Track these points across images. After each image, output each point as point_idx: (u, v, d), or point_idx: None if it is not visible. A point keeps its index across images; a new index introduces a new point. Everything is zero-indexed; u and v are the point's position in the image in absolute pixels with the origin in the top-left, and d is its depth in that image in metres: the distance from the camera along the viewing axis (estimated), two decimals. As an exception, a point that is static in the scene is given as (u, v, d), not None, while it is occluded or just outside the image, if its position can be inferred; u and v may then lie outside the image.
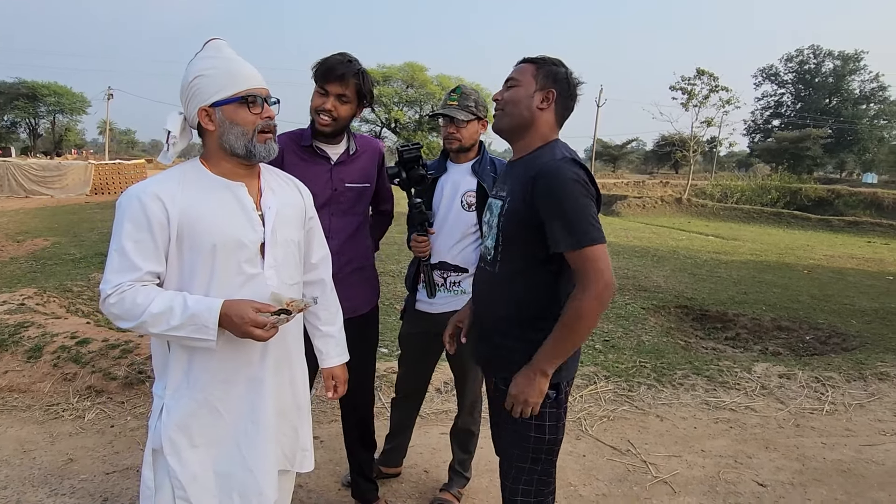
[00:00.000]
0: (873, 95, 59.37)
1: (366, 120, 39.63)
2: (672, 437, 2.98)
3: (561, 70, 1.54)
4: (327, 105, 1.83)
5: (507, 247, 1.50)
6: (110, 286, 1.24)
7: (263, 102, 1.33)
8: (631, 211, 20.22)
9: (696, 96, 24.54)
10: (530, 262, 1.48)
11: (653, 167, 63.32)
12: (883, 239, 15.24)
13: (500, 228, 1.51)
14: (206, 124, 1.31)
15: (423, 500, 2.38)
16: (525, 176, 1.47)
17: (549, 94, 1.51)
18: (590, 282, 1.35)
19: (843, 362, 4.15)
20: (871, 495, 2.52)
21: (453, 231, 2.09)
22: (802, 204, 24.76)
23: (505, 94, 1.55)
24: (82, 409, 2.99)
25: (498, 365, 1.58)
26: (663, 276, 7.58)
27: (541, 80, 1.52)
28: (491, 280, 1.56)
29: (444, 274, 2.12)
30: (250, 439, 1.36)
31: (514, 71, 1.57)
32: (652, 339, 4.96)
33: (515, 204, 1.48)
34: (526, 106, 1.51)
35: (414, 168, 2.00)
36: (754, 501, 2.44)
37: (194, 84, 1.30)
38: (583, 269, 1.37)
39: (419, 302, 2.19)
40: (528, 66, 1.55)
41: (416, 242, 2.06)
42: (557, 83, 1.53)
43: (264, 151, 1.34)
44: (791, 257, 10.40)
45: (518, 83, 1.53)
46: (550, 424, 1.49)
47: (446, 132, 2.10)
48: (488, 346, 1.60)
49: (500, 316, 1.54)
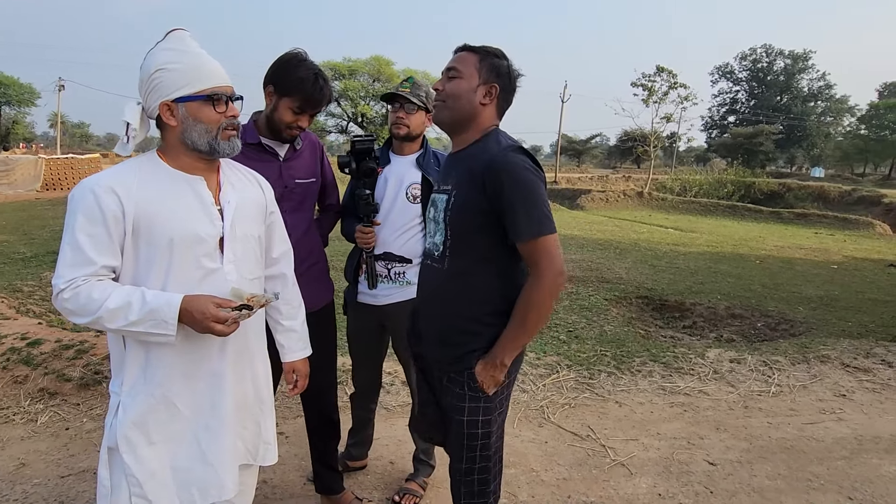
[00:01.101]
0: (821, 93, 62.32)
1: (332, 114, 39.08)
2: (630, 422, 3.10)
3: (503, 63, 1.50)
4: (303, 123, 1.84)
5: (457, 242, 1.47)
6: (63, 281, 1.21)
7: (228, 100, 1.32)
8: (595, 205, 20.65)
9: (655, 93, 25.23)
10: (481, 256, 1.46)
11: (616, 162, 64.73)
12: (828, 230, 16.05)
13: (448, 223, 1.48)
14: (168, 119, 1.29)
15: (390, 490, 2.41)
16: (473, 168, 1.45)
17: (491, 89, 1.48)
18: (544, 270, 1.37)
19: (790, 347, 4.39)
20: (811, 469, 2.69)
21: (398, 222, 2.09)
22: (756, 197, 25.78)
23: (447, 85, 1.49)
24: (34, 413, 2.89)
25: (450, 363, 1.52)
26: (625, 267, 7.81)
27: (484, 74, 1.47)
28: (440, 276, 1.51)
29: (388, 265, 2.12)
30: (210, 433, 1.35)
31: (456, 60, 1.50)
32: (614, 328, 5.12)
33: (463, 197, 1.45)
34: (468, 100, 1.47)
35: (365, 160, 1.99)
36: (705, 479, 2.57)
37: (156, 77, 1.27)
38: (537, 258, 1.38)
39: (362, 294, 2.18)
40: (470, 56, 1.49)
41: (361, 234, 2.05)
42: (500, 77, 1.49)
43: (228, 148, 1.34)
44: (744, 248, 10.86)
45: (460, 75, 1.47)
46: (484, 419, 1.50)
47: (395, 117, 2.09)
48: (440, 346, 1.54)
49: (453, 313, 1.50)
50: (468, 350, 1.48)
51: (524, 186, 1.38)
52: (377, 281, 2.11)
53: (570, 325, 5.07)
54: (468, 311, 1.48)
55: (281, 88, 1.80)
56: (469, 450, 1.51)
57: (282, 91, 1.80)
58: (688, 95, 25.43)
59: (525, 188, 1.38)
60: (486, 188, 1.41)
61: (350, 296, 2.24)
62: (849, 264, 9.61)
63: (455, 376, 1.51)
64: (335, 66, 36.14)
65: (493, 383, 1.47)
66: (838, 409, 3.36)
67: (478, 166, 1.44)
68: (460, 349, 1.49)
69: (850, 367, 3.97)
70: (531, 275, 1.41)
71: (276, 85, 1.81)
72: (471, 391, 1.48)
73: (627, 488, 2.48)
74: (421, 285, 1.65)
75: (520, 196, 1.38)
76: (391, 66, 36.53)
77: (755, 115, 58.16)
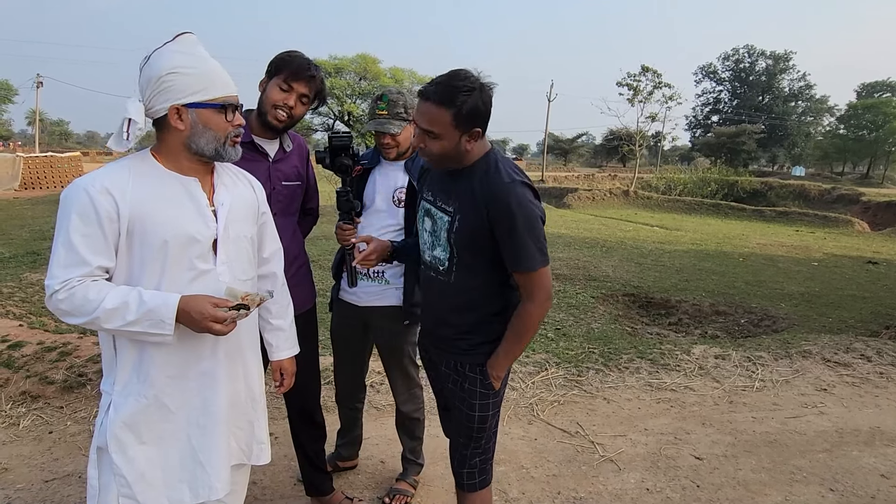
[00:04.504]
0: (801, 93, 63.40)
1: (318, 112, 38.78)
2: (618, 418, 3.14)
3: (476, 99, 1.40)
4: (290, 101, 1.80)
5: (463, 260, 1.57)
6: (58, 281, 1.20)
7: (236, 110, 1.34)
8: (581, 203, 20.81)
9: (640, 92, 25.51)
10: (487, 271, 1.57)
11: (602, 161, 65.29)
12: (809, 228, 16.38)
13: (454, 243, 1.56)
14: (176, 123, 1.28)
15: (380, 490, 2.40)
16: (475, 191, 1.50)
17: (474, 135, 1.46)
18: (536, 296, 1.53)
19: (773, 342, 4.47)
20: (794, 462, 2.74)
21: (381, 223, 2.09)
22: (739, 195, 26.21)
23: (429, 144, 1.46)
24: (16, 416, 2.83)
25: (455, 356, 1.67)
26: (612, 265, 7.88)
27: (462, 126, 1.42)
28: (447, 288, 1.62)
29: None
30: (202, 432, 1.35)
31: (426, 119, 1.42)
32: (601, 326, 5.17)
33: (468, 221, 1.51)
34: (456, 152, 1.48)
35: (341, 156, 1.97)
36: (691, 474, 2.61)
37: (168, 79, 1.25)
38: (531, 287, 1.53)
39: (343, 291, 2.20)
40: (442, 113, 1.40)
41: (341, 230, 2.04)
42: (478, 118, 1.44)
43: (234, 154, 1.37)
44: (728, 246, 11.03)
45: (438, 136, 1.43)
46: (481, 415, 1.67)
47: (381, 143, 2.08)
48: (447, 348, 1.69)
49: (460, 322, 1.63)
50: (477, 342, 1.63)
51: (525, 221, 1.46)
52: (357, 279, 2.12)
53: (558, 322, 5.10)
54: (472, 316, 1.63)
55: (271, 70, 1.83)
56: (476, 440, 1.71)
57: (271, 72, 1.83)
58: (672, 95, 25.83)
59: (526, 223, 1.46)
60: (488, 215, 1.48)
61: (334, 293, 2.26)
62: (829, 261, 9.82)
63: (469, 373, 1.65)
64: (321, 64, 35.81)
65: (498, 381, 1.67)
66: (820, 403, 3.43)
67: (481, 191, 1.49)
68: (464, 343, 1.65)
69: (831, 361, 4.06)
70: (524, 298, 1.55)
71: (268, 71, 1.84)
72: (482, 388, 1.64)
73: (616, 483, 2.51)
74: (426, 292, 1.76)
75: (520, 230, 1.46)
76: (377, 64, 36.40)
77: (738, 114, 59.03)
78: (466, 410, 1.66)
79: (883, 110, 49.76)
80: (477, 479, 1.72)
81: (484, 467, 1.74)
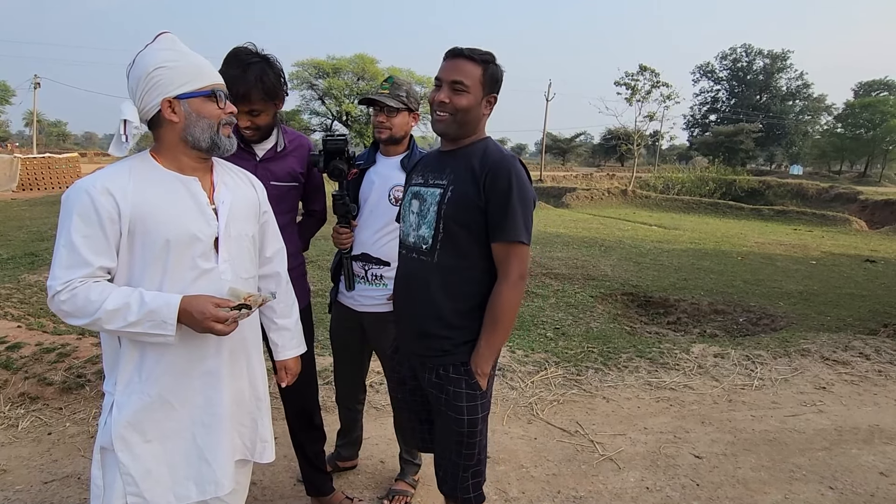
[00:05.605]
0: (798, 92, 63.51)
1: (316, 113, 38.81)
2: (617, 417, 3.14)
3: (501, 71, 1.51)
4: (242, 122, 1.76)
5: (448, 236, 1.51)
6: (60, 282, 1.20)
7: (226, 98, 1.35)
8: (580, 203, 20.81)
9: (638, 91, 25.51)
10: (470, 252, 1.51)
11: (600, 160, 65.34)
12: (807, 226, 16.39)
13: (442, 216, 1.50)
14: (170, 116, 1.29)
15: (380, 490, 2.41)
16: (474, 165, 1.49)
17: (491, 100, 1.53)
18: (510, 272, 1.47)
19: (771, 341, 4.48)
20: (793, 461, 2.75)
21: (378, 224, 2.07)
22: (737, 194, 26.21)
23: (453, 98, 1.46)
24: (15, 418, 2.83)
25: (435, 359, 1.56)
26: (610, 265, 7.89)
27: (487, 86, 1.48)
28: (427, 269, 1.53)
29: (365, 266, 2.10)
30: (207, 431, 1.36)
31: (458, 72, 1.46)
32: (600, 325, 5.16)
33: (461, 191, 1.49)
34: (475, 115, 1.50)
35: (335, 159, 1.95)
36: (691, 472, 2.62)
37: (156, 75, 1.26)
38: (507, 260, 1.47)
39: (341, 294, 2.19)
40: (474, 68, 1.46)
41: (337, 234, 2.04)
42: (497, 86, 1.51)
43: (228, 144, 1.36)
44: (726, 245, 11.04)
45: (467, 89, 1.46)
46: (470, 418, 1.56)
47: (376, 121, 2.07)
48: (425, 341, 1.57)
49: (441, 306, 1.52)
50: (460, 341, 1.53)
51: (520, 193, 1.46)
52: (354, 282, 2.11)
53: (557, 322, 5.10)
54: (453, 305, 1.53)
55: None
56: (468, 447, 1.57)
57: None
58: (670, 94, 25.80)
59: (520, 195, 1.46)
60: (484, 183, 1.46)
61: (333, 295, 2.26)
62: (827, 260, 9.83)
63: (453, 375, 1.54)
64: (319, 64, 35.89)
65: (483, 379, 1.55)
66: (819, 401, 3.44)
67: (480, 162, 1.49)
68: (446, 342, 1.54)
69: (830, 360, 4.06)
70: (500, 276, 1.49)
71: None
72: (468, 388, 1.53)
73: (616, 482, 2.51)
74: (402, 278, 1.65)
75: (514, 200, 1.45)
76: (375, 64, 36.39)
77: (735, 113, 59.15)
78: (455, 415, 1.54)
79: (880, 109, 49.86)
80: (472, 494, 1.59)
81: (478, 481, 1.61)
